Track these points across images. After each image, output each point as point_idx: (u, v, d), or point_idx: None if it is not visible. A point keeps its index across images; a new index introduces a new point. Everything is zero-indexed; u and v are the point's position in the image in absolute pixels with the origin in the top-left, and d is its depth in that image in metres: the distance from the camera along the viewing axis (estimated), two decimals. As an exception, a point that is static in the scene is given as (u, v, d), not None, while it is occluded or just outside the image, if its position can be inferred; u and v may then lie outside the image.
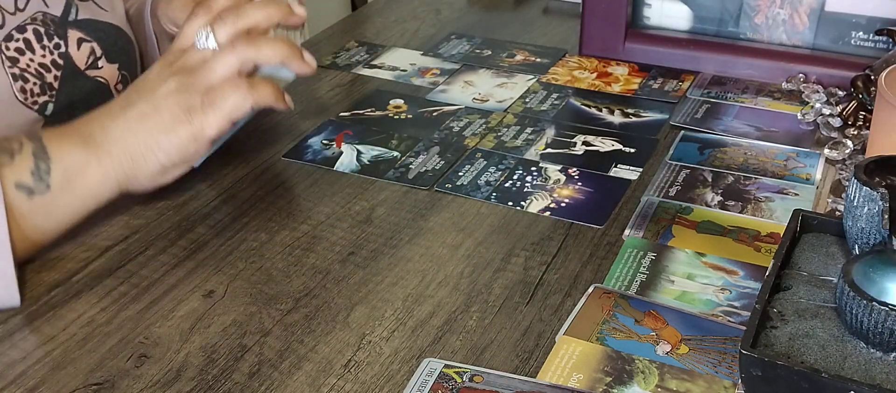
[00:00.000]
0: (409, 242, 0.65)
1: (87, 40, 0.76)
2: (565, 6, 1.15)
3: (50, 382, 0.52)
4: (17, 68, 0.71)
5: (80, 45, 0.76)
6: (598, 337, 0.54)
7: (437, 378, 0.51)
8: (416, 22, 1.11)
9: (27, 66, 0.71)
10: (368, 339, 0.55)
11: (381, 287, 0.60)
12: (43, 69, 0.73)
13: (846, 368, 0.46)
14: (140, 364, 0.53)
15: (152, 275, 0.61)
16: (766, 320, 0.49)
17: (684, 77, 0.93)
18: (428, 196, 0.71)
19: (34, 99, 0.72)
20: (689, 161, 0.75)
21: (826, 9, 0.89)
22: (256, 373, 0.52)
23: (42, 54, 0.73)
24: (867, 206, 0.49)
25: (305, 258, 0.63)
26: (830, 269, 0.53)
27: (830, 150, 0.76)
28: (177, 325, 0.56)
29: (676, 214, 0.67)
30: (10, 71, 0.70)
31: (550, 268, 0.62)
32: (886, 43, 0.87)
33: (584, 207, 0.69)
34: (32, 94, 0.72)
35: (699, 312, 0.56)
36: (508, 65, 0.97)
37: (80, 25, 0.76)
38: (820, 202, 0.70)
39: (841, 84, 0.87)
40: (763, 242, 0.64)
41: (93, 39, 0.77)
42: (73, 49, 0.75)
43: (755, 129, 0.81)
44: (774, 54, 0.91)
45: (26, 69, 0.71)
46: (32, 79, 0.72)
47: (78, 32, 0.76)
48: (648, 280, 0.60)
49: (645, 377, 0.51)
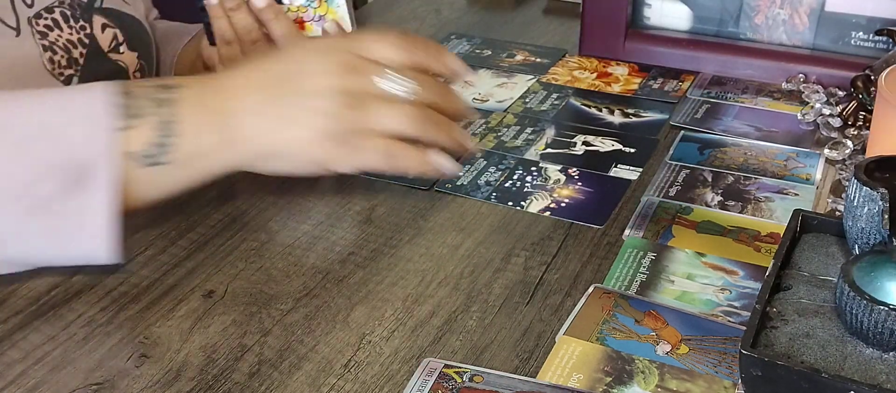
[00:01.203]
0: (409, 242, 0.65)
1: (110, 26, 0.78)
2: (565, 6, 1.15)
3: (50, 382, 0.52)
4: (46, 41, 0.72)
5: (104, 29, 0.77)
6: (598, 337, 0.54)
7: (437, 378, 0.51)
8: (416, 22, 1.11)
9: (56, 40, 0.72)
10: (368, 339, 0.55)
11: (381, 287, 0.60)
12: (70, 45, 0.74)
13: (846, 368, 0.46)
14: (140, 364, 0.53)
15: (152, 275, 0.61)
16: (766, 320, 0.49)
17: (684, 77, 0.93)
18: (428, 196, 0.71)
19: (61, 71, 0.73)
20: (689, 161, 0.75)
21: (826, 9, 0.90)
22: (256, 373, 0.52)
23: (69, 32, 0.74)
24: (867, 206, 0.49)
25: (305, 258, 0.63)
26: (830, 269, 0.53)
27: (830, 150, 0.76)
28: (177, 325, 0.56)
29: (676, 214, 0.67)
30: (40, 42, 0.71)
31: (550, 268, 0.62)
32: (886, 43, 0.87)
33: (584, 207, 0.69)
34: (60, 66, 0.73)
35: (699, 312, 0.56)
36: (508, 65, 0.97)
37: (104, 12, 0.78)
38: (820, 202, 0.70)
39: (841, 84, 0.87)
40: (763, 242, 0.64)
41: (115, 26, 0.78)
42: (98, 32, 0.76)
43: (755, 129, 0.81)
44: (774, 54, 0.91)
45: (55, 43, 0.72)
46: (60, 52, 0.73)
47: (102, 18, 0.77)
48: (648, 280, 0.60)
49: (645, 377, 0.51)
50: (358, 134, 0.60)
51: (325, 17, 0.77)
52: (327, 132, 0.59)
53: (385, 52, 0.62)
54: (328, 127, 0.59)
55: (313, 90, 0.59)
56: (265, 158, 0.61)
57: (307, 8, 0.77)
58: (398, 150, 0.61)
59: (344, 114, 0.59)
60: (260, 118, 0.59)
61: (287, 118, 0.59)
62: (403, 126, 0.61)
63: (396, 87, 0.61)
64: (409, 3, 1.17)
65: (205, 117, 0.58)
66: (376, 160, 0.61)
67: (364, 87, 0.60)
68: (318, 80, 0.60)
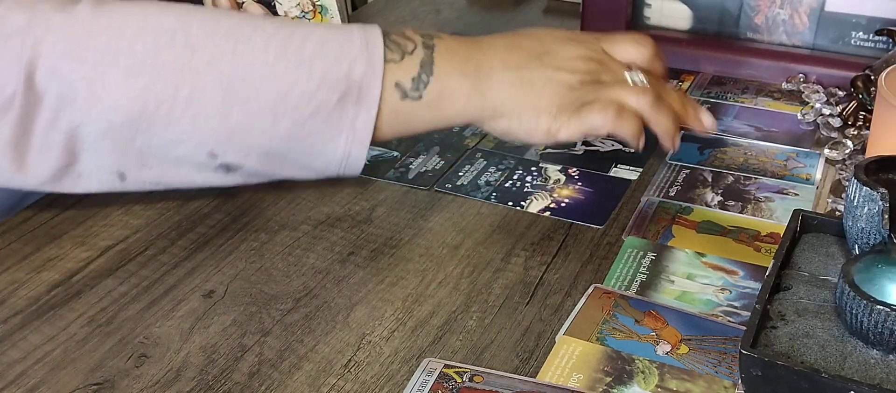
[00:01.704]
0: (409, 241, 0.65)
1: None
2: (565, 6, 1.15)
3: (50, 382, 0.52)
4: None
5: None
6: (598, 337, 0.54)
7: (437, 378, 0.51)
8: (416, 22, 1.11)
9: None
10: (368, 339, 0.55)
11: (381, 287, 0.60)
12: None
13: (846, 368, 0.46)
14: (140, 364, 0.53)
15: (152, 275, 0.61)
16: (766, 320, 0.49)
17: (684, 77, 0.93)
18: (428, 196, 0.71)
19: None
20: (689, 161, 0.75)
21: (826, 9, 0.90)
22: (256, 373, 0.52)
23: None
24: (867, 206, 0.49)
25: (305, 258, 0.63)
26: (830, 269, 0.53)
27: (830, 150, 0.76)
28: (177, 325, 0.56)
29: (676, 214, 0.67)
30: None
31: (550, 268, 0.62)
32: (886, 43, 0.87)
33: (584, 207, 0.69)
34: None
35: (699, 312, 0.56)
36: (508, 65, 0.97)
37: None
38: (820, 202, 0.70)
39: (841, 84, 0.87)
40: (763, 242, 0.64)
41: None
42: None
43: (755, 129, 0.81)
44: (774, 54, 0.91)
45: None
46: None
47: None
48: (648, 280, 0.60)
49: (645, 377, 0.51)
50: (590, 102, 0.64)
51: None
52: (563, 103, 0.63)
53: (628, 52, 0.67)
54: (564, 99, 0.63)
55: (559, 66, 0.64)
56: (500, 117, 0.64)
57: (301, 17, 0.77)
58: (625, 112, 0.64)
59: (583, 88, 0.64)
60: (506, 75, 0.63)
61: (529, 83, 0.63)
62: (635, 102, 0.64)
63: (637, 80, 0.66)
64: (409, 3, 1.17)
65: (458, 64, 0.62)
66: (603, 120, 0.63)
67: (606, 76, 0.65)
68: (566, 61, 0.64)
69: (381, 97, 0.60)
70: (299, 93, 0.58)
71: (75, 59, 0.56)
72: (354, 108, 0.60)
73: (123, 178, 0.60)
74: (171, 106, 0.57)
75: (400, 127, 0.63)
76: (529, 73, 0.63)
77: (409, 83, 0.61)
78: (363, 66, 0.59)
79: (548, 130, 0.63)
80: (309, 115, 0.59)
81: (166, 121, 0.57)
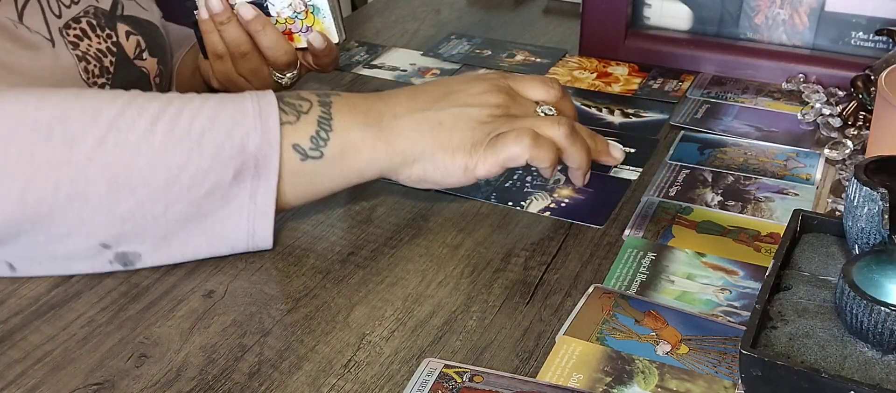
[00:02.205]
0: (409, 242, 0.65)
1: (133, 33, 0.79)
2: (565, 6, 1.15)
3: (50, 382, 0.52)
4: (78, 51, 0.72)
5: (129, 37, 0.78)
6: (598, 337, 0.54)
7: (437, 378, 0.51)
8: (416, 22, 1.11)
9: (87, 50, 0.73)
10: (368, 339, 0.55)
11: (381, 287, 0.60)
12: (100, 54, 0.74)
13: (846, 368, 0.46)
14: (140, 364, 0.53)
15: (152, 275, 0.61)
16: (766, 320, 0.49)
17: (684, 77, 0.93)
18: (428, 196, 0.71)
19: (94, 80, 0.73)
20: (689, 161, 0.75)
21: (826, 9, 0.90)
22: (256, 373, 0.52)
23: (98, 42, 0.74)
24: (867, 206, 0.49)
25: (305, 258, 0.63)
26: (830, 269, 0.53)
27: (830, 150, 0.76)
28: (177, 325, 0.56)
29: (676, 214, 0.67)
30: (74, 52, 0.72)
31: (550, 268, 0.62)
32: (886, 43, 0.87)
33: (584, 207, 0.69)
34: (93, 75, 0.73)
35: (699, 312, 0.56)
36: (508, 65, 0.97)
37: (126, 20, 0.79)
38: (820, 202, 0.70)
39: (841, 84, 0.87)
40: (763, 242, 0.64)
41: (138, 33, 0.79)
42: (123, 39, 0.77)
43: (755, 129, 0.81)
44: (774, 54, 0.91)
45: (87, 52, 0.73)
46: (93, 61, 0.73)
47: (125, 26, 0.78)
48: (648, 280, 0.60)
49: (645, 377, 0.51)
50: (505, 133, 0.62)
51: (312, 29, 0.78)
52: (476, 138, 0.62)
53: (536, 92, 0.66)
54: (477, 133, 0.62)
55: (467, 102, 0.63)
56: (412, 163, 0.62)
57: (295, 19, 0.77)
58: (541, 139, 0.62)
59: (495, 121, 0.62)
60: (411, 119, 0.62)
61: (437, 123, 0.62)
62: (550, 130, 0.63)
63: (549, 113, 0.65)
64: (409, 3, 1.17)
65: (358, 117, 0.61)
66: (519, 148, 0.61)
67: (516, 110, 0.64)
68: (473, 97, 0.63)
69: (281, 162, 0.59)
70: (191, 173, 0.57)
71: None
72: (253, 182, 0.58)
73: (13, 268, 0.59)
74: (53, 204, 0.55)
75: (307, 189, 0.61)
76: (437, 113, 0.62)
77: (308, 143, 0.59)
78: (258, 135, 0.58)
79: (465, 167, 0.62)
80: (203, 195, 0.57)
81: (49, 219, 0.55)
